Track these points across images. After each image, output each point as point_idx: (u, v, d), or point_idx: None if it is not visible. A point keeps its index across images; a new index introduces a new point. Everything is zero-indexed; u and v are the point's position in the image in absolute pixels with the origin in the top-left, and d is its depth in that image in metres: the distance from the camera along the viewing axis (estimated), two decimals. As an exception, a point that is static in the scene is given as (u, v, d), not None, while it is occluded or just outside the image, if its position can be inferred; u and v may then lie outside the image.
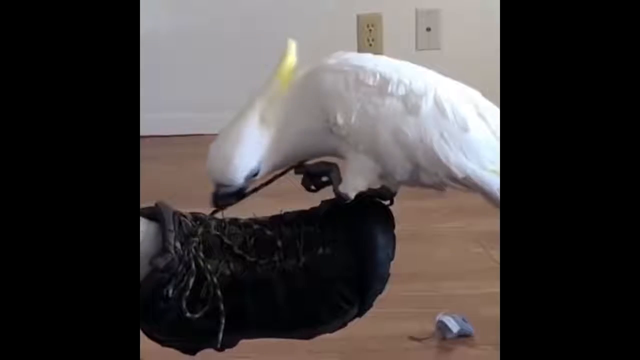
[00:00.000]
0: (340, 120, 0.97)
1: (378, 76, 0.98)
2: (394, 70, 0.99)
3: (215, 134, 0.99)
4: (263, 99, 0.99)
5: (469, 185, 0.99)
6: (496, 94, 1.02)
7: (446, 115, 0.97)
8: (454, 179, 0.98)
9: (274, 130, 0.98)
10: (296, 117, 0.99)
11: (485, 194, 0.99)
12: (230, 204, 1.01)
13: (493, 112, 0.99)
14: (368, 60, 1.01)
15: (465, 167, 0.97)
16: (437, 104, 0.97)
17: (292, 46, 1.01)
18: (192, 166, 1.05)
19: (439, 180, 0.99)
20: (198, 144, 1.04)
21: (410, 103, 0.97)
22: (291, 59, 1.00)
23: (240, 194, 1.00)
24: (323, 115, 0.98)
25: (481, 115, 0.99)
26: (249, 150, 0.98)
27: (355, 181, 0.99)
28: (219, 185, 0.99)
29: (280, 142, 0.99)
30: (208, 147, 0.99)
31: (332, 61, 1.00)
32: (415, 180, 0.99)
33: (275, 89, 0.99)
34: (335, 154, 1.01)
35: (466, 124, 0.97)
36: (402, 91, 0.97)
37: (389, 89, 0.97)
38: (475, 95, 1.01)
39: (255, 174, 0.99)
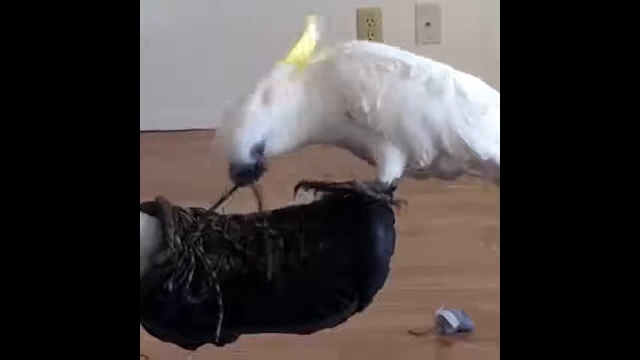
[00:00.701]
0: (366, 107, 0.97)
1: (399, 63, 0.99)
2: (412, 57, 1.01)
3: (214, 130, 0.99)
4: (270, 79, 0.99)
5: (489, 169, 1.00)
6: (496, 87, 1.02)
7: (468, 99, 1.00)
8: (475, 163, 1.00)
9: (283, 111, 0.98)
10: (312, 103, 0.99)
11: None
12: (251, 182, 1.00)
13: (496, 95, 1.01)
14: (385, 49, 1.03)
15: (489, 149, 0.99)
16: (458, 88, 1.00)
17: (311, 25, 1.01)
18: (191, 162, 1.05)
19: (460, 167, 1.00)
20: (196, 139, 1.04)
21: (434, 87, 0.99)
22: (309, 40, 1.01)
23: (256, 171, 0.99)
24: (345, 104, 0.98)
25: (492, 99, 1.01)
26: (251, 126, 0.97)
27: (392, 168, 0.99)
28: (231, 165, 0.99)
29: (292, 124, 0.99)
30: (206, 142, 0.99)
31: (349, 50, 1.01)
32: (435, 168, 1.01)
33: (288, 71, 0.99)
34: (351, 143, 1.01)
35: (485, 106, 1.00)
36: (424, 76, 0.99)
37: (412, 74, 0.99)
38: (478, 80, 1.04)
39: (262, 150, 0.98)
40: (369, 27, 3.05)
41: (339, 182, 1.00)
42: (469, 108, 0.99)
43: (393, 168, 0.99)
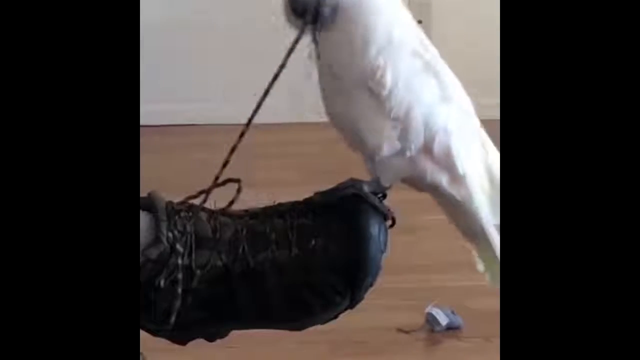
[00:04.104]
0: (388, 80, 0.97)
1: (430, 54, 1.01)
2: (437, 57, 1.02)
3: (209, 124, 0.99)
4: None
5: (459, 189, 1.01)
6: (486, 87, 1.03)
7: (470, 113, 1.02)
8: (451, 178, 1.00)
9: None
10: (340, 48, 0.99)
11: (468, 208, 1.01)
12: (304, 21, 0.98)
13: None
14: (421, 35, 1.03)
15: (467, 168, 1.00)
16: (464, 101, 1.01)
17: None
18: (184, 156, 1.05)
19: (436, 178, 1.00)
20: (190, 134, 1.04)
21: (446, 92, 1.00)
22: None
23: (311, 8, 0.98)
24: (371, 67, 0.98)
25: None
26: None
27: (391, 138, 0.99)
28: None
29: None
30: (199, 137, 0.99)
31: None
32: (416, 173, 1.01)
33: None
34: (357, 121, 1.00)
35: (479, 130, 1.02)
36: (445, 77, 1.00)
37: (437, 70, 1.00)
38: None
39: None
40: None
41: (347, 183, 1.00)
42: (467, 121, 1.01)
43: (384, 151, 0.99)
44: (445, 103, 1.00)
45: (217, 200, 1.03)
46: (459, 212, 1.04)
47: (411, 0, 3.47)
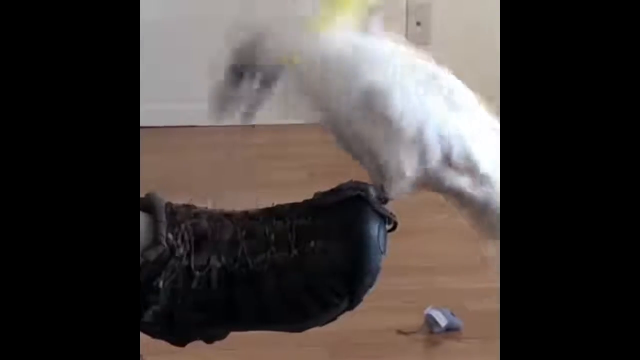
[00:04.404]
0: (400, 105, 0.97)
1: (430, 69, 1.00)
2: (438, 67, 1.01)
3: (210, 125, 1.00)
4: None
5: (482, 188, 1.00)
6: (486, 89, 1.03)
7: (479, 116, 1.01)
8: (473, 180, 1.00)
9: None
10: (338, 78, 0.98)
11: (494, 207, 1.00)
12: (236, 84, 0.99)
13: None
14: (413, 54, 1.03)
15: (486, 166, 1.00)
16: (472, 106, 1.01)
17: None
18: (184, 157, 1.05)
19: (458, 183, 1.00)
20: (190, 135, 1.04)
21: (454, 100, 0.99)
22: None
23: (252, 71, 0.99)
24: (375, 94, 0.97)
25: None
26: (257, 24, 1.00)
27: (402, 184, 0.99)
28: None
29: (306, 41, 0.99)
30: (200, 138, 0.99)
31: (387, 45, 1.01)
32: (435, 180, 1.01)
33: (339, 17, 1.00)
34: (362, 142, 1.00)
35: (493, 126, 1.00)
36: (447, 87, 1.00)
37: (440, 83, 0.99)
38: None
39: (257, 43, 0.99)
40: None
41: (347, 185, 1.00)
42: (479, 124, 1.00)
43: (407, 175, 0.99)
44: (454, 111, 0.99)
45: (217, 202, 1.03)
46: (480, 211, 1.03)
47: (411, 2, 3.48)
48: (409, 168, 0.99)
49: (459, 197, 1.03)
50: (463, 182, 1.01)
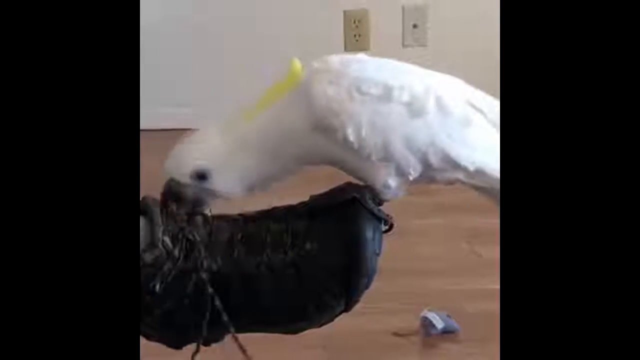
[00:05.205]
0: (351, 136, 0.96)
1: (380, 84, 0.97)
2: (392, 75, 0.98)
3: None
4: (240, 112, 0.99)
5: (480, 178, 1.00)
6: (484, 90, 1.03)
7: (449, 114, 0.98)
8: (466, 174, 1.00)
9: (245, 143, 0.98)
10: (285, 130, 0.97)
11: (494, 189, 0.99)
12: (179, 213, 0.99)
13: (488, 102, 1.01)
14: (365, 67, 0.99)
15: (475, 159, 0.99)
16: (440, 104, 0.98)
17: (297, 67, 0.98)
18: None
19: (451, 177, 1.00)
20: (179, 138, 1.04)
21: (415, 107, 0.97)
22: (294, 79, 0.98)
23: (192, 202, 0.99)
24: (328, 131, 0.96)
25: (477, 108, 1.00)
26: (199, 150, 0.98)
27: (391, 186, 0.99)
28: (169, 181, 0.99)
29: (253, 158, 0.98)
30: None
31: (326, 71, 0.98)
32: (427, 178, 1.00)
33: (264, 101, 0.98)
34: (340, 164, 1.00)
35: (468, 119, 0.99)
36: (405, 97, 0.97)
37: (394, 96, 0.97)
38: (467, 87, 1.02)
39: (204, 177, 0.97)
40: (355, 28, 3.06)
41: (343, 187, 1.00)
42: (451, 123, 0.98)
43: (392, 185, 0.99)
44: (418, 117, 0.97)
45: (213, 204, 1.03)
46: (483, 190, 1.03)
47: (407, 4, 3.49)
48: (390, 180, 0.99)
49: (459, 183, 1.03)
50: (456, 175, 1.00)
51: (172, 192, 0.99)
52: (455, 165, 0.99)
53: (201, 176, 0.98)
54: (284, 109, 0.98)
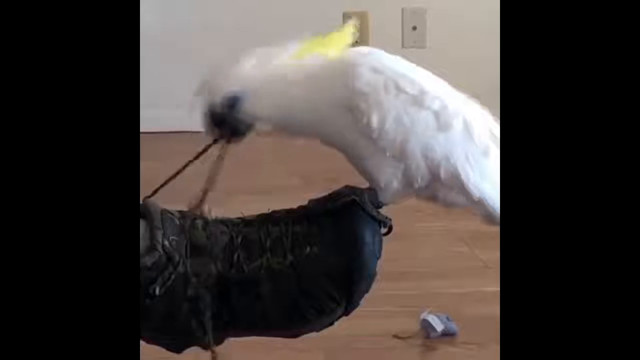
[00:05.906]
0: (374, 123, 0.96)
1: (417, 86, 0.98)
2: (429, 82, 0.99)
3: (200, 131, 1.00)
4: (277, 50, 1.00)
5: (478, 207, 1.01)
6: (482, 94, 1.03)
7: (473, 138, 0.99)
8: (468, 199, 1.00)
9: (277, 82, 0.97)
10: (315, 94, 0.97)
11: (494, 219, 1.00)
12: (220, 135, 0.99)
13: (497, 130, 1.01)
14: (406, 66, 1.01)
15: (483, 189, 1.00)
16: (467, 126, 0.99)
17: (351, 30, 1.01)
18: (181, 163, 1.05)
19: (453, 198, 1.01)
20: (190, 141, 1.04)
21: (443, 120, 0.98)
22: (344, 39, 1.00)
23: (228, 126, 0.98)
24: (354, 112, 0.96)
25: (496, 140, 1.01)
26: (236, 76, 0.98)
27: (394, 187, 0.99)
28: (203, 112, 0.99)
29: (283, 99, 0.98)
30: (199, 144, 1.00)
31: (369, 58, 0.99)
32: (429, 193, 1.01)
33: (302, 49, 0.99)
34: (351, 149, 1.00)
35: (487, 149, 1.00)
36: (436, 106, 0.97)
37: (427, 101, 0.97)
38: (488, 115, 1.03)
39: (234, 104, 0.97)
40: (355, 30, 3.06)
41: (342, 191, 1.00)
42: (472, 147, 0.99)
43: (395, 186, 1.00)
44: (444, 130, 0.98)
45: (214, 208, 1.03)
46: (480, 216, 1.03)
47: (406, 7, 3.49)
48: (395, 181, 0.99)
49: (457, 207, 1.03)
50: (458, 198, 1.01)
51: (211, 120, 0.99)
52: (461, 187, 0.99)
53: (234, 103, 0.98)
54: (324, 71, 0.98)
